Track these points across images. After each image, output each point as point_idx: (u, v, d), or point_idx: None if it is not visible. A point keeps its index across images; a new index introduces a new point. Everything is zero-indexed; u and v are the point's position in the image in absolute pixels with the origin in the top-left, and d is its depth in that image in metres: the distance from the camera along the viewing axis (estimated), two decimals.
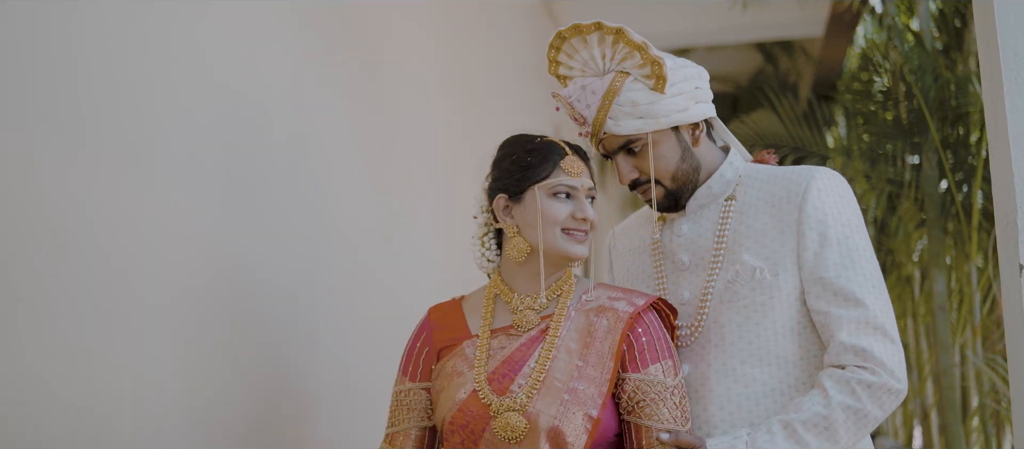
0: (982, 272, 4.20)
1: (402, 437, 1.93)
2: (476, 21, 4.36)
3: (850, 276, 1.83)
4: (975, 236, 4.09)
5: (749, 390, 1.86)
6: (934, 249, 4.30)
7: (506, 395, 1.79)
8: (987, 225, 4.18)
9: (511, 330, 1.87)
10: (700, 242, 1.97)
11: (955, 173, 4.33)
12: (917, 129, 4.39)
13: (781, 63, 7.69)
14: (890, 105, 4.74)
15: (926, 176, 4.28)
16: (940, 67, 4.28)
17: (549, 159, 1.86)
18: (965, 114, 4.28)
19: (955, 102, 4.29)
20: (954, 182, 4.21)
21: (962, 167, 4.40)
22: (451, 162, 3.83)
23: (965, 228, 4.14)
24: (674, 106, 1.92)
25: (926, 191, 4.19)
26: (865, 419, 1.77)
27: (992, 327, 4.21)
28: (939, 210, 4.24)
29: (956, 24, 5.17)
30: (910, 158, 4.54)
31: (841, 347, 1.80)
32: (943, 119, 4.29)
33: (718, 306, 1.90)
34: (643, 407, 1.79)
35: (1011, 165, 1.92)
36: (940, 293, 4.18)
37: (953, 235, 4.29)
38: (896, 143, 4.59)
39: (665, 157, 1.94)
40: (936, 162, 4.29)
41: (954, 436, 4.14)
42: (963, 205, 4.20)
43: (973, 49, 5.04)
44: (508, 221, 1.88)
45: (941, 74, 4.24)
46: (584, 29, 1.94)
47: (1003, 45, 1.95)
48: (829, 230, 1.86)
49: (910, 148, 4.49)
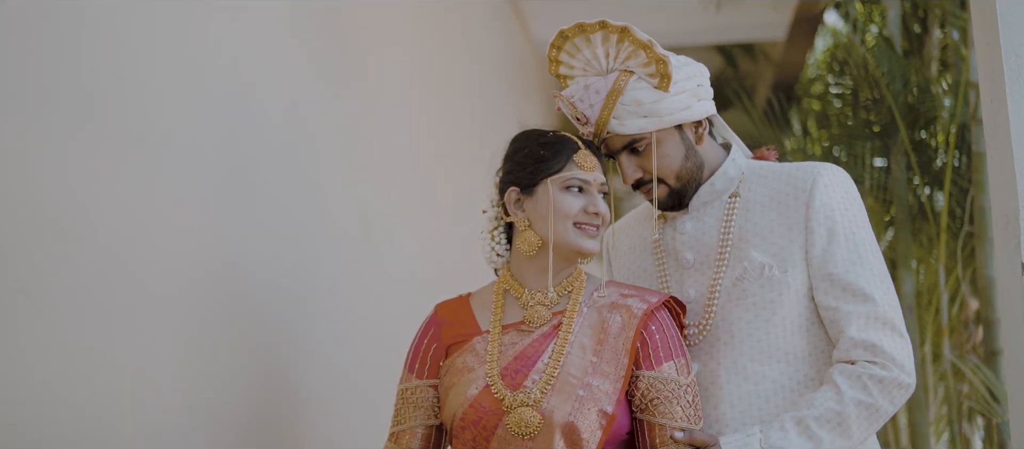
0: (950, 273, 4.27)
1: (408, 435, 1.89)
2: (449, 20, 4.35)
3: (858, 271, 1.83)
4: (943, 237, 4.16)
5: (759, 387, 1.86)
6: (903, 250, 4.37)
7: (519, 390, 1.77)
8: (954, 227, 4.26)
9: (522, 326, 1.84)
10: (704, 240, 1.96)
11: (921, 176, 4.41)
12: (887, 132, 4.45)
13: (742, 65, 7.76)
14: (860, 109, 4.80)
15: (895, 178, 4.35)
16: (909, 71, 4.35)
17: (562, 153, 1.84)
18: (933, 119, 4.35)
19: (922, 107, 4.36)
20: (924, 184, 4.29)
21: (927, 171, 4.48)
22: (428, 158, 3.82)
23: (933, 230, 4.21)
24: (678, 104, 1.91)
25: (895, 193, 4.26)
26: (877, 414, 1.78)
27: (960, 327, 4.29)
28: (907, 212, 4.31)
29: (916, 30, 5.27)
30: (877, 160, 4.60)
31: (851, 342, 1.80)
32: (913, 123, 4.36)
33: (726, 304, 1.90)
34: (657, 405, 1.78)
35: (1013, 165, 1.94)
36: (908, 294, 4.25)
37: (921, 236, 4.37)
38: (864, 145, 4.65)
39: (669, 156, 1.93)
40: (904, 165, 4.36)
41: (921, 436, 4.22)
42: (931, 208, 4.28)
43: (933, 55, 5.14)
44: (519, 215, 1.86)
45: (910, 79, 4.31)
46: (588, 28, 1.92)
47: (1006, 47, 1.97)
48: (837, 226, 1.86)
49: (878, 151, 4.55)
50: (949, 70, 4.93)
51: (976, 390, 3.80)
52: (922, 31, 5.26)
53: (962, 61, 4.35)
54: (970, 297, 4.25)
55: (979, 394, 3.68)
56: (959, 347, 4.25)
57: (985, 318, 3.87)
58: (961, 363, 3.79)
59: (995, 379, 3.60)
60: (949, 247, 4.25)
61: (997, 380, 3.60)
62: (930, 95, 4.36)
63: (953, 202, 4.25)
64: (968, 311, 4.29)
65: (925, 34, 5.22)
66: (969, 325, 4.30)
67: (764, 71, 7.70)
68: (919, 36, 5.22)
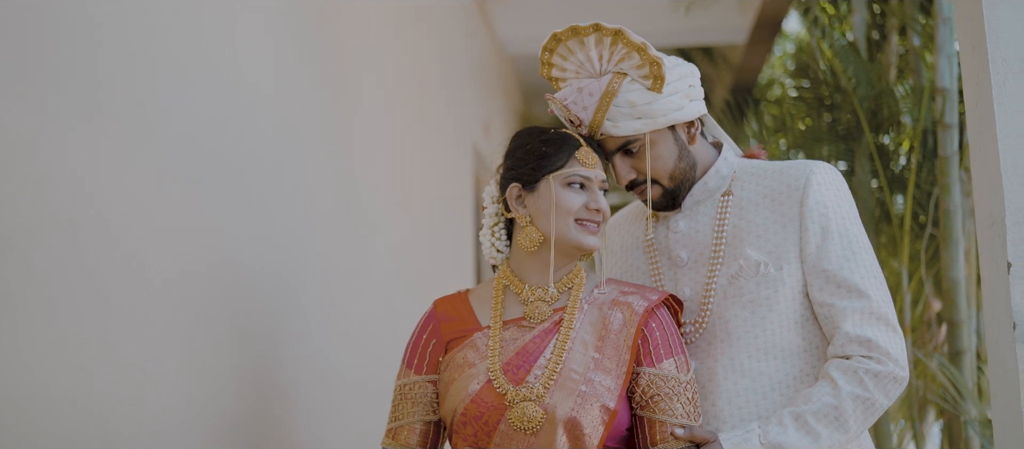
0: (913, 275, 4.35)
1: (406, 431, 1.88)
2: (420, 20, 4.36)
3: (853, 268, 1.86)
4: (906, 240, 4.24)
5: (756, 384, 1.87)
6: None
7: (522, 386, 1.77)
8: (916, 229, 4.34)
9: (523, 322, 1.84)
10: (698, 238, 1.97)
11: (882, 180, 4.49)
12: (850, 135, 4.53)
13: (701, 68, 7.83)
14: (822, 112, 4.88)
15: (858, 181, 4.42)
16: (874, 76, 4.43)
17: (564, 149, 1.85)
18: (896, 123, 4.44)
19: (885, 111, 4.44)
20: (888, 188, 4.36)
21: (887, 174, 4.56)
22: (404, 156, 3.83)
23: (897, 232, 4.29)
24: (671, 105, 1.92)
25: (859, 197, 4.33)
26: (873, 407, 1.81)
27: (923, 328, 4.38)
28: (870, 215, 4.38)
29: (874, 37, 5.37)
30: (840, 164, 4.67)
31: (846, 338, 1.83)
32: (877, 128, 4.44)
33: (722, 301, 1.91)
34: (657, 402, 1.79)
35: (999, 167, 1.98)
36: None
37: (883, 238, 4.44)
38: (825, 148, 4.72)
39: (663, 156, 1.94)
40: (869, 169, 4.43)
41: (884, 433, 4.30)
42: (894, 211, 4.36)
43: (892, 61, 5.24)
44: (521, 211, 1.86)
45: (874, 83, 4.39)
46: (581, 30, 1.93)
47: (992, 51, 2.01)
48: (830, 223, 1.89)
49: (841, 155, 4.62)
50: (907, 75, 5.03)
51: (940, 386, 3.88)
52: (880, 38, 5.37)
53: (926, 68, 4.44)
54: (933, 298, 4.34)
55: (946, 392, 3.76)
56: (922, 347, 4.34)
57: (948, 319, 3.95)
58: (928, 361, 3.86)
59: (960, 377, 3.69)
60: (912, 249, 4.34)
61: (961, 378, 3.68)
62: (893, 99, 4.44)
63: (916, 205, 4.33)
64: (931, 312, 4.37)
65: (883, 40, 5.33)
66: (932, 325, 4.39)
67: (723, 74, 7.78)
68: (877, 42, 5.32)
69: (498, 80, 6.82)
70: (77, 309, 1.67)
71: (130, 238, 1.83)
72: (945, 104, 3.97)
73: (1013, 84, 2.00)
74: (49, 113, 1.62)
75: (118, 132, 1.82)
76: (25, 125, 1.56)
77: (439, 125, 4.66)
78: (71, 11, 1.69)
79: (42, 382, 1.57)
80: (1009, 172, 1.98)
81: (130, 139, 1.85)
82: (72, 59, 1.69)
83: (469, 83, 5.80)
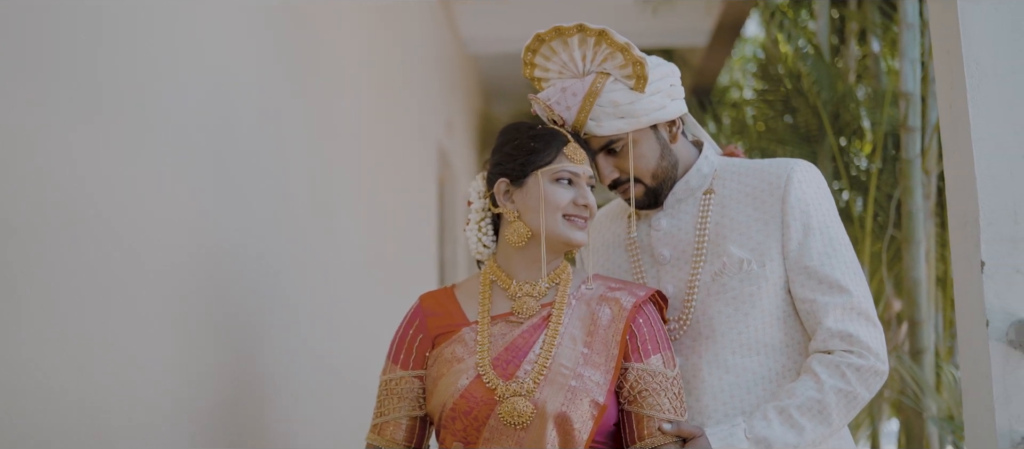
0: (873, 275, 4.43)
1: (392, 427, 1.87)
2: (387, 17, 4.37)
3: (834, 264, 1.89)
4: (867, 241, 4.32)
5: (740, 379, 1.90)
6: None
7: (511, 381, 1.77)
8: (878, 230, 4.42)
9: (511, 317, 1.84)
10: (680, 236, 1.99)
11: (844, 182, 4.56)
12: (812, 138, 4.60)
13: None
14: (782, 115, 4.94)
15: None
16: (836, 79, 4.51)
17: (552, 145, 1.85)
18: (857, 127, 4.51)
19: (846, 114, 4.52)
20: (850, 190, 4.44)
21: (848, 177, 4.63)
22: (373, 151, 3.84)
23: (858, 233, 4.36)
24: (653, 104, 1.94)
25: None
26: (855, 401, 1.84)
27: (884, 327, 4.46)
28: None
29: (833, 42, 5.45)
30: None
31: (828, 333, 1.86)
32: (839, 131, 4.51)
33: (706, 298, 1.93)
34: (645, 397, 1.80)
35: (973, 168, 2.02)
36: None
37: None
38: (784, 151, 4.78)
39: (645, 156, 1.96)
40: (831, 171, 4.50)
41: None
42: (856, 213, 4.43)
43: (851, 66, 5.33)
44: (508, 206, 1.86)
45: (837, 87, 4.46)
46: (565, 31, 1.94)
47: (966, 54, 2.05)
48: (812, 220, 1.92)
49: (802, 157, 4.69)
50: (866, 79, 5.12)
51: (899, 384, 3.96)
52: (840, 42, 5.46)
53: (890, 72, 4.52)
54: (893, 298, 4.42)
55: (907, 389, 3.83)
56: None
57: (909, 318, 4.03)
58: (893, 359, 3.94)
59: (921, 375, 3.76)
60: (873, 250, 4.41)
61: (922, 376, 3.76)
62: (855, 101, 4.51)
63: (876, 207, 4.41)
64: (891, 312, 4.45)
65: (842, 45, 5.41)
66: (892, 325, 4.47)
67: (683, 76, 7.87)
68: (837, 47, 5.41)
69: (461, 79, 6.83)
70: (78, 302, 1.65)
71: (127, 232, 1.82)
72: (908, 108, 4.04)
73: (987, 87, 2.04)
74: (48, 112, 1.61)
75: (117, 130, 1.81)
76: (25, 125, 1.55)
77: (405, 122, 4.68)
78: (71, 11, 1.68)
79: (41, 374, 1.55)
80: (983, 173, 2.02)
81: (128, 137, 1.85)
82: (72, 59, 1.68)
83: (433, 82, 5.81)
